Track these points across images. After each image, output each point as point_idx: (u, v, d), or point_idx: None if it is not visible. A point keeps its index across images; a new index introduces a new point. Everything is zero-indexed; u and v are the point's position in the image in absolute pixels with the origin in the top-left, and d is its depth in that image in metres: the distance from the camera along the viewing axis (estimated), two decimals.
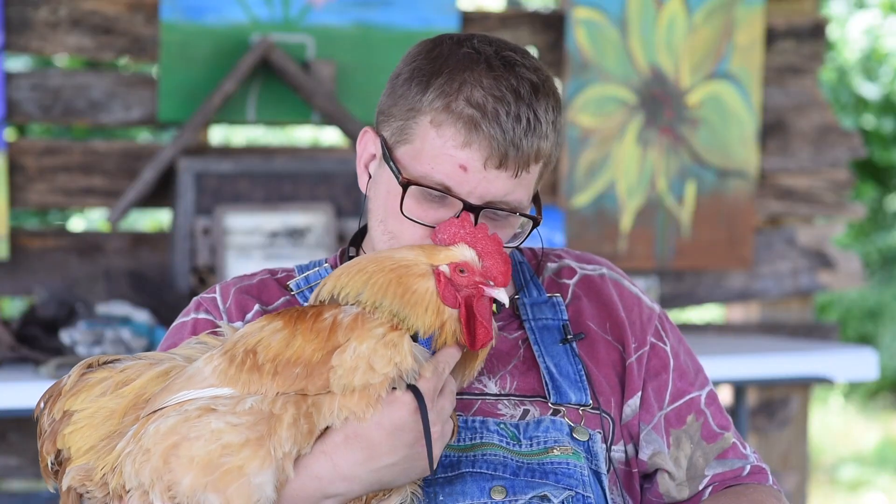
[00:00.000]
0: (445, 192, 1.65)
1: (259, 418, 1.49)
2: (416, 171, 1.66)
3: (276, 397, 1.50)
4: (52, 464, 1.59)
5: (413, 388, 1.51)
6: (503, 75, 1.65)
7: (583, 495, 1.68)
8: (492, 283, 1.57)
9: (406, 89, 1.69)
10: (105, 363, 1.61)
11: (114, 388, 1.57)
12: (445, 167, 1.64)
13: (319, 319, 1.53)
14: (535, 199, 1.75)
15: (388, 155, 1.69)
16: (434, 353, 1.56)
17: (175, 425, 1.50)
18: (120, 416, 1.55)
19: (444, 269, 1.57)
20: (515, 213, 1.68)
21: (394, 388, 1.51)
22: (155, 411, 1.53)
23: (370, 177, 1.76)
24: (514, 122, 1.63)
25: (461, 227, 1.60)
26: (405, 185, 1.65)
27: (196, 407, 1.50)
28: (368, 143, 1.76)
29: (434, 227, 1.64)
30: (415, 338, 1.55)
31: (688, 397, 1.82)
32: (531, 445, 1.70)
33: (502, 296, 1.57)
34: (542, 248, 1.90)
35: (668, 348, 1.84)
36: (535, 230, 1.75)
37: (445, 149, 1.64)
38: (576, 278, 1.86)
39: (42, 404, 1.61)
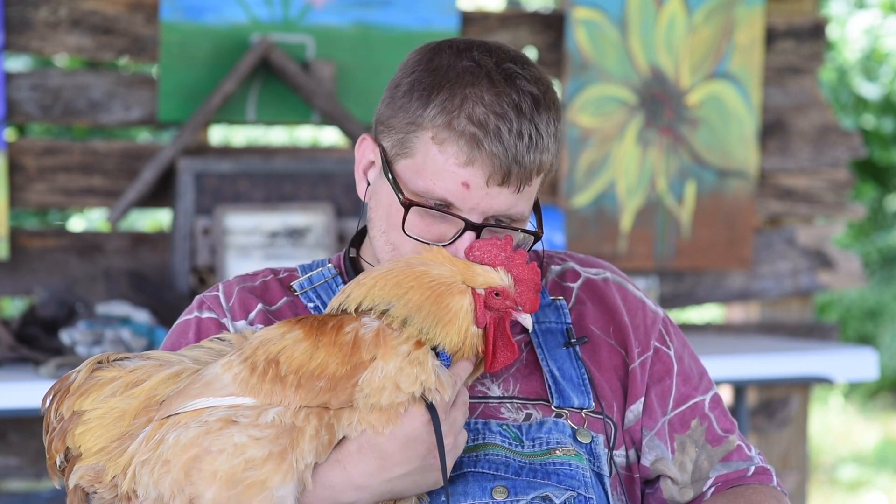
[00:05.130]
0: (447, 209, 1.65)
1: (281, 431, 1.50)
2: (418, 186, 1.66)
3: (298, 409, 1.50)
4: (60, 462, 1.59)
5: (429, 405, 1.53)
6: (504, 90, 1.64)
7: (584, 496, 1.68)
8: (521, 308, 1.60)
9: (406, 101, 1.68)
10: (115, 360, 1.61)
11: (124, 388, 1.57)
12: (447, 184, 1.64)
13: (341, 333, 1.54)
14: (535, 207, 1.75)
15: (389, 170, 1.69)
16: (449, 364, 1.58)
17: (196, 437, 1.50)
18: (131, 418, 1.55)
19: (480, 292, 1.58)
20: (517, 231, 1.69)
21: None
22: (170, 416, 1.53)
23: (369, 184, 1.76)
24: (516, 138, 1.62)
25: (501, 250, 1.60)
26: (407, 205, 1.65)
27: (217, 418, 1.51)
28: (367, 151, 1.76)
29: (432, 244, 1.65)
30: (434, 349, 1.56)
31: (692, 402, 1.82)
32: (533, 446, 1.70)
33: (528, 321, 1.60)
34: (545, 251, 1.90)
35: (671, 353, 1.84)
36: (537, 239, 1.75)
37: (448, 166, 1.63)
38: (579, 282, 1.86)
39: (48, 400, 1.60)
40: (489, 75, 1.65)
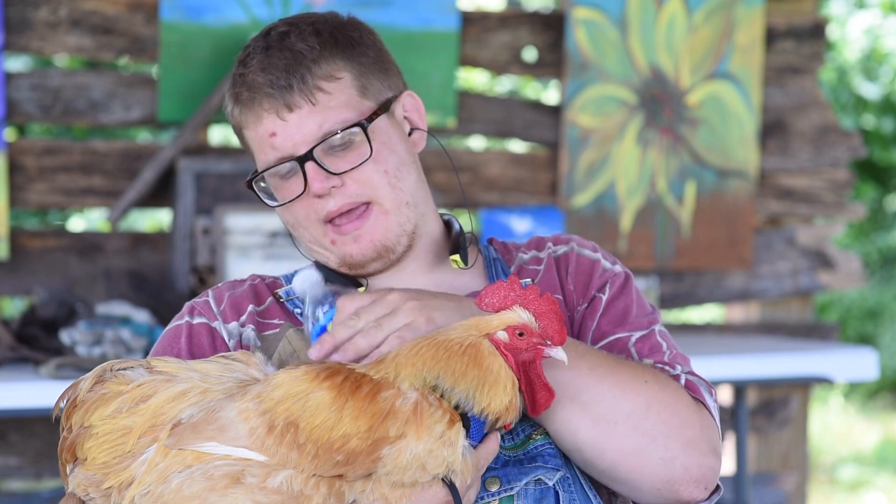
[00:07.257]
0: (278, 162, 1.78)
1: (287, 498, 1.47)
2: (262, 167, 1.81)
3: (309, 476, 1.48)
4: (70, 470, 1.59)
5: (449, 483, 1.51)
6: (257, 46, 1.83)
7: (565, 475, 1.70)
8: (549, 342, 1.56)
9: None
10: (119, 370, 1.60)
11: (130, 404, 1.56)
12: (266, 146, 1.79)
13: (375, 401, 1.50)
14: (383, 111, 1.81)
15: (254, 177, 1.85)
16: (486, 429, 1.56)
17: (200, 491, 1.48)
18: (136, 437, 1.54)
19: (502, 335, 1.55)
20: (337, 133, 1.77)
21: None
22: (175, 443, 1.52)
23: None
24: (270, 72, 1.78)
25: (511, 290, 1.59)
26: (248, 186, 1.84)
27: (223, 473, 1.48)
28: None
29: (303, 194, 1.78)
30: (466, 424, 1.53)
31: (611, 338, 1.79)
32: (513, 439, 1.71)
33: (561, 355, 1.57)
34: (513, 243, 1.91)
35: (604, 297, 1.82)
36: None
37: (256, 134, 1.80)
38: (544, 264, 1.86)
39: (62, 404, 1.61)
40: (249, 47, 1.85)
